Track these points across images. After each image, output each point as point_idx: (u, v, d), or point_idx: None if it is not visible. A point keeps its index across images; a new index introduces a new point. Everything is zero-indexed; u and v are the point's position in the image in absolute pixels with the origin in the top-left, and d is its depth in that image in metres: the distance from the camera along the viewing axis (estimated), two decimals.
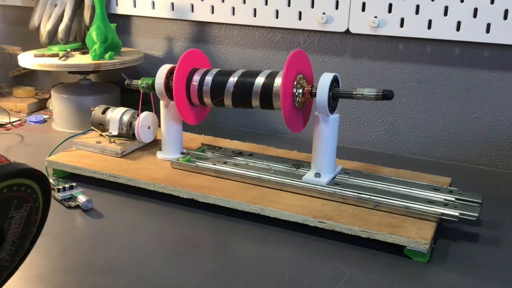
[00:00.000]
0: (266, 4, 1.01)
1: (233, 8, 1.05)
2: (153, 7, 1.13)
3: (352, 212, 0.68)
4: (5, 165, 0.38)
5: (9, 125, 1.07)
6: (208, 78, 0.78)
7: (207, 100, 0.78)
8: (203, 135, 0.95)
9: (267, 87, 0.73)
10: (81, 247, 0.63)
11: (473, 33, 0.87)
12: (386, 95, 0.69)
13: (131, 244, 0.64)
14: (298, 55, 0.72)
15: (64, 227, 0.68)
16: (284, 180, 0.74)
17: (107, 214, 0.72)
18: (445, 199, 0.69)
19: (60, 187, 0.75)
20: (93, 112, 0.89)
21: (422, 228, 0.63)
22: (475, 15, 0.86)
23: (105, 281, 0.57)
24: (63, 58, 1.01)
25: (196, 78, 0.79)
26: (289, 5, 1.00)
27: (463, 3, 0.87)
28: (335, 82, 0.71)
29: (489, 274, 0.60)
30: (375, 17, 0.93)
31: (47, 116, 1.14)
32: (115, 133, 0.87)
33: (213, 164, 0.80)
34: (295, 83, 0.72)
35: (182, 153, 0.84)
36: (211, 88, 0.77)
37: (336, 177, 0.76)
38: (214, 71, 0.79)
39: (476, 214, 0.65)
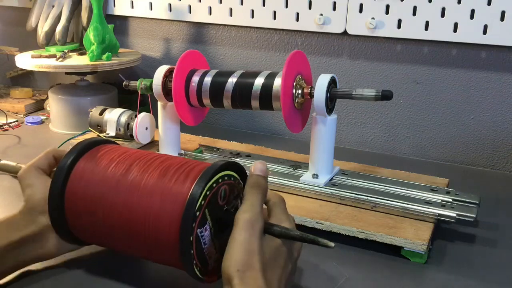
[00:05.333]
0: (264, 5, 1.02)
1: (231, 9, 1.05)
2: (151, 8, 1.13)
3: (350, 213, 0.68)
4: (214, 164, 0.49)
5: (6, 126, 1.07)
6: (207, 79, 0.78)
7: (206, 101, 0.78)
8: (200, 136, 0.95)
9: (267, 88, 0.73)
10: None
11: (470, 34, 0.88)
12: (386, 95, 0.69)
13: None
14: (297, 55, 0.72)
15: None
16: (282, 181, 0.74)
17: None
18: (442, 200, 0.69)
19: None
20: (91, 113, 0.89)
21: (419, 229, 0.63)
22: (472, 17, 0.87)
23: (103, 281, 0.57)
24: (61, 59, 1.01)
25: (195, 79, 0.79)
26: (286, 7, 1.00)
27: (460, 5, 0.87)
28: (332, 83, 0.72)
29: (486, 274, 0.60)
30: (373, 18, 0.93)
31: (45, 117, 1.14)
32: (113, 134, 0.87)
33: None
34: (295, 83, 0.72)
35: (179, 154, 0.84)
36: (210, 89, 0.77)
37: (334, 178, 0.76)
38: (213, 72, 0.79)
39: (473, 215, 0.65)
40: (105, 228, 0.51)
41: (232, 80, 0.76)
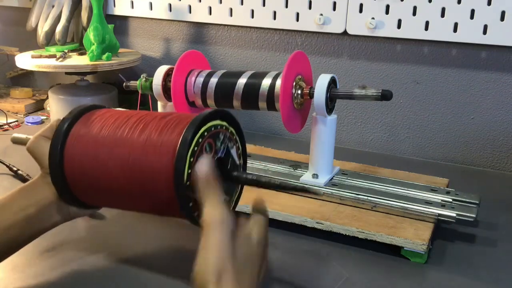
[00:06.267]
0: (264, 5, 1.02)
1: (231, 9, 1.05)
2: (151, 8, 1.13)
3: (350, 213, 0.68)
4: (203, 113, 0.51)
5: (6, 126, 1.07)
6: (213, 80, 0.77)
7: (210, 101, 0.78)
8: None
9: (271, 89, 0.73)
10: (80, 246, 0.63)
11: (470, 34, 0.88)
12: (385, 95, 0.69)
13: (131, 245, 0.64)
14: (298, 56, 0.72)
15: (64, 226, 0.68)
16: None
17: (107, 216, 0.72)
18: (442, 200, 0.69)
19: None
20: None
21: (419, 229, 0.63)
22: (472, 17, 0.87)
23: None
24: (61, 59, 1.01)
25: (199, 79, 0.79)
26: (286, 7, 1.00)
27: (460, 5, 0.87)
28: (332, 83, 0.72)
29: (486, 274, 0.60)
30: (373, 18, 0.93)
31: (45, 117, 1.14)
32: None
33: None
34: (294, 84, 0.72)
35: None
36: (217, 89, 0.77)
37: (334, 178, 0.76)
38: (220, 72, 0.78)
39: (473, 215, 0.65)
40: (104, 186, 0.53)
41: (241, 81, 0.75)
